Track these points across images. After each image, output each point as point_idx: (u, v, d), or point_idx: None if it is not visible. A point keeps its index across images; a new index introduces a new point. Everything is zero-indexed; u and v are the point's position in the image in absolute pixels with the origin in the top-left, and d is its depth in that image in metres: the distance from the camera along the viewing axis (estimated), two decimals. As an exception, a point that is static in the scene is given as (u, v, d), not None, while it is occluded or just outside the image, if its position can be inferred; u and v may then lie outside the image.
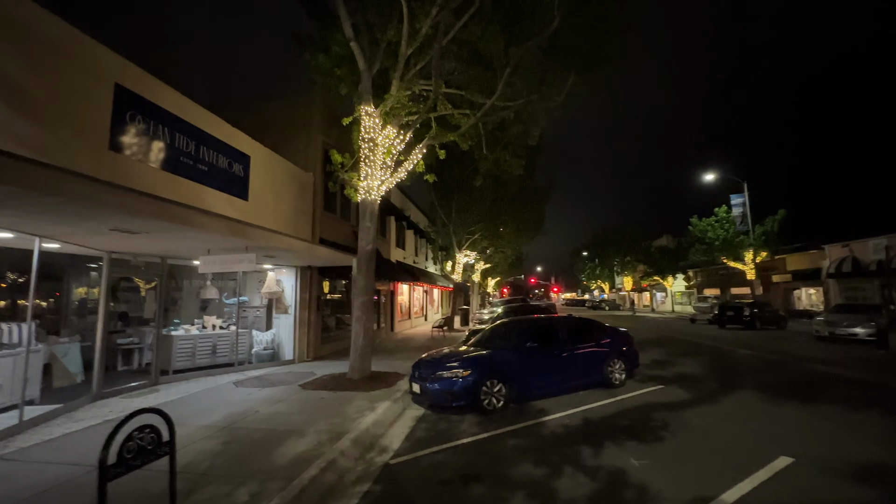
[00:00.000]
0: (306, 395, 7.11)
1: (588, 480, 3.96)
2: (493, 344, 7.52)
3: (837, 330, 14.47)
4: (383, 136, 8.25)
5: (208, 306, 10.39)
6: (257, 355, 10.17)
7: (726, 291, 34.27)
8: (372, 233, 8.27)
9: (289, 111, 11.98)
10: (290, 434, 5.12)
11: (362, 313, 8.13)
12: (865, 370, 9.11)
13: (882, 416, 5.73)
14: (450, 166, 18.26)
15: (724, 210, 26.81)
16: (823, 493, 3.57)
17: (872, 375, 8.53)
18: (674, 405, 6.48)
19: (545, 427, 5.62)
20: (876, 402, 6.41)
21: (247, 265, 7.17)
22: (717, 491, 3.62)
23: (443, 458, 4.65)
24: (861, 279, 22.10)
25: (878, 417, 5.67)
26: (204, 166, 7.48)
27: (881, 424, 5.38)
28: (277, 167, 10.01)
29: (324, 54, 8.26)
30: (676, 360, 10.77)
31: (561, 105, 8.38)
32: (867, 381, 7.99)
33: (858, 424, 5.41)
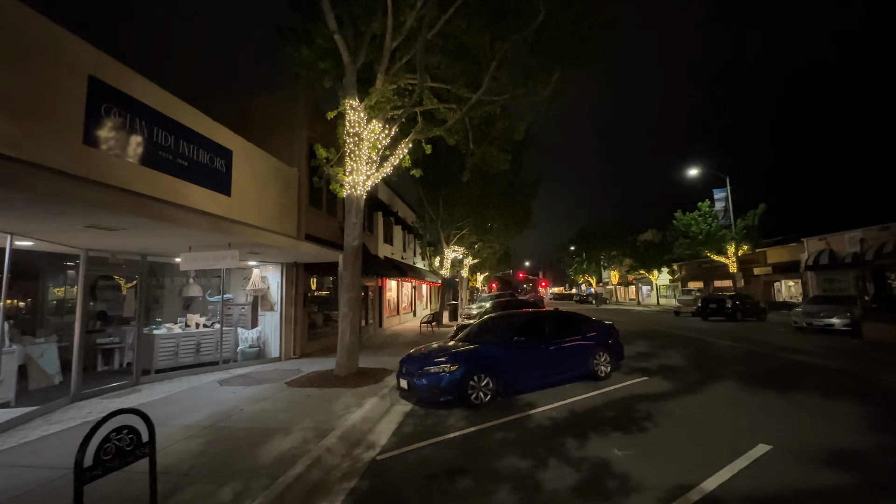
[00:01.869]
0: (292, 392, 7.05)
1: (573, 472, 4.01)
2: (481, 339, 7.55)
3: (814, 321, 14.90)
4: (368, 130, 8.17)
5: (191, 304, 10.22)
6: (242, 353, 10.04)
7: (710, 284, 34.98)
8: (358, 228, 8.20)
9: (272, 105, 11.76)
10: (275, 432, 5.07)
11: (349, 309, 8.07)
12: (840, 359, 9.40)
13: (854, 403, 5.92)
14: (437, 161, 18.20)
15: (707, 204, 27.32)
16: (799, 479, 3.68)
17: (846, 364, 8.81)
18: (657, 396, 6.60)
19: (532, 420, 5.67)
20: (849, 390, 6.63)
21: (230, 262, 7.05)
22: (697, 479, 3.70)
23: (430, 453, 4.66)
24: (837, 271, 22.74)
25: (851, 405, 5.85)
26: (184, 161, 7.31)
27: (853, 411, 5.56)
28: (261, 162, 9.84)
29: (307, 47, 8.12)
30: (660, 352, 10.96)
31: (547, 100, 8.39)
32: (841, 370, 8.25)
33: (832, 412, 5.58)
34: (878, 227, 20.43)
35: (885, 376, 7.60)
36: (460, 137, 9.87)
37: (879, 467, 3.89)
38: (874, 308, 13.53)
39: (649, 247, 41.46)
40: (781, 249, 28.09)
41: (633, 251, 43.91)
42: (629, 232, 48.41)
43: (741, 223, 25.42)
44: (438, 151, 17.35)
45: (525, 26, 7.32)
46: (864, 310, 13.43)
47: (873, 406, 5.75)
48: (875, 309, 13.44)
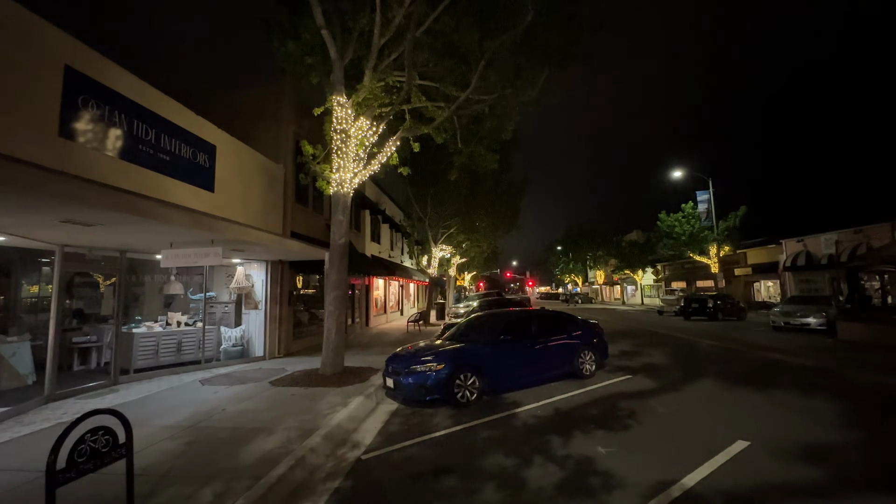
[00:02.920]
0: (276, 391, 6.96)
1: (557, 469, 4.04)
2: (468, 337, 7.56)
3: (791, 320, 15.32)
4: (356, 127, 8.10)
5: (173, 302, 9.99)
6: (226, 352, 9.86)
7: (692, 284, 35.67)
8: (345, 226, 8.13)
9: (258, 100, 11.58)
10: (258, 432, 4.99)
11: (335, 308, 8.00)
12: (815, 358, 9.68)
13: (827, 400, 6.10)
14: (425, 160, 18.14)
15: (690, 206, 27.85)
16: (775, 474, 3.77)
17: (821, 363, 9.08)
18: (640, 394, 6.70)
19: (517, 418, 5.70)
20: (823, 388, 6.83)
21: (213, 259, 6.91)
22: (678, 475, 3.77)
23: (415, 452, 4.65)
24: (814, 272, 23.44)
25: (824, 401, 6.03)
26: (166, 156, 7.14)
27: (826, 408, 5.73)
28: (246, 158, 9.68)
29: (294, 41, 8.00)
30: (644, 351, 11.14)
31: (535, 100, 8.44)
32: (816, 368, 8.50)
33: (807, 408, 5.74)
34: (852, 230, 21.12)
35: (857, 374, 7.85)
36: (448, 136, 9.85)
37: (850, 462, 4.02)
38: (848, 308, 13.97)
39: (634, 247, 42.08)
40: (761, 251, 28.81)
41: (619, 251, 44.50)
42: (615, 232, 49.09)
43: (723, 225, 25.98)
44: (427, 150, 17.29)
45: (514, 26, 7.33)
46: (839, 310, 13.86)
47: (845, 402, 5.94)
48: (849, 309, 13.88)
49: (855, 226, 21.08)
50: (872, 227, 20.04)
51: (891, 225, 19.14)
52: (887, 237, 19.01)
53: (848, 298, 14.72)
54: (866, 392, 6.62)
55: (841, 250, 21.02)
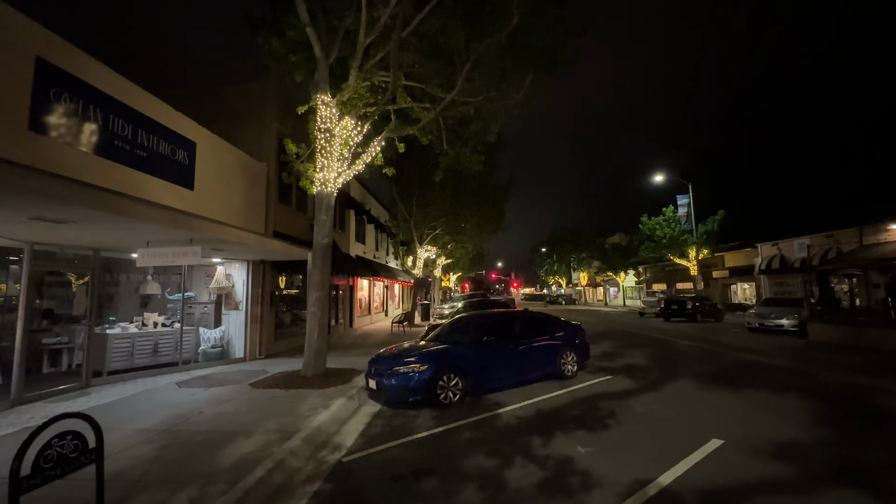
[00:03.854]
0: (256, 394, 6.84)
1: (537, 469, 4.08)
2: (451, 338, 7.57)
3: (766, 322, 15.79)
4: (341, 126, 8.04)
5: (150, 302, 9.73)
6: (204, 354, 9.65)
7: (672, 286, 36.47)
8: (328, 226, 8.05)
9: (241, 97, 11.38)
10: (236, 435, 4.90)
11: (317, 309, 7.91)
12: (787, 358, 10.01)
13: (798, 398, 6.32)
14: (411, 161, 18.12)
15: (671, 210, 28.46)
16: (747, 471, 3.88)
17: (792, 363, 9.38)
18: (620, 394, 6.82)
19: (499, 419, 5.73)
20: (794, 387, 7.06)
21: (191, 259, 6.76)
22: (655, 473, 3.84)
23: (397, 454, 4.63)
24: (787, 275, 24.22)
25: (795, 400, 6.24)
26: (143, 152, 6.95)
27: (797, 406, 5.93)
28: (227, 155, 9.49)
29: (278, 38, 7.90)
30: (624, 352, 11.33)
31: (520, 103, 8.51)
32: (788, 368, 8.78)
33: (779, 407, 5.93)
34: (823, 235, 21.88)
35: (825, 374, 8.14)
36: (434, 137, 9.87)
37: (818, 458, 4.17)
38: (819, 310, 14.47)
39: (617, 250, 42.82)
40: (738, 254, 29.63)
41: (602, 254, 45.23)
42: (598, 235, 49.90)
43: (702, 228, 26.63)
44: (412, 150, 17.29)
45: (499, 29, 7.39)
46: (810, 312, 14.35)
47: (814, 401, 6.15)
48: (820, 311, 14.38)
49: (826, 230, 21.85)
50: (842, 232, 20.80)
51: (859, 230, 19.90)
52: (855, 242, 19.77)
53: (819, 301, 15.24)
54: (834, 391, 6.87)
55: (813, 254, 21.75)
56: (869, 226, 19.45)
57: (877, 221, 19.11)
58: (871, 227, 19.23)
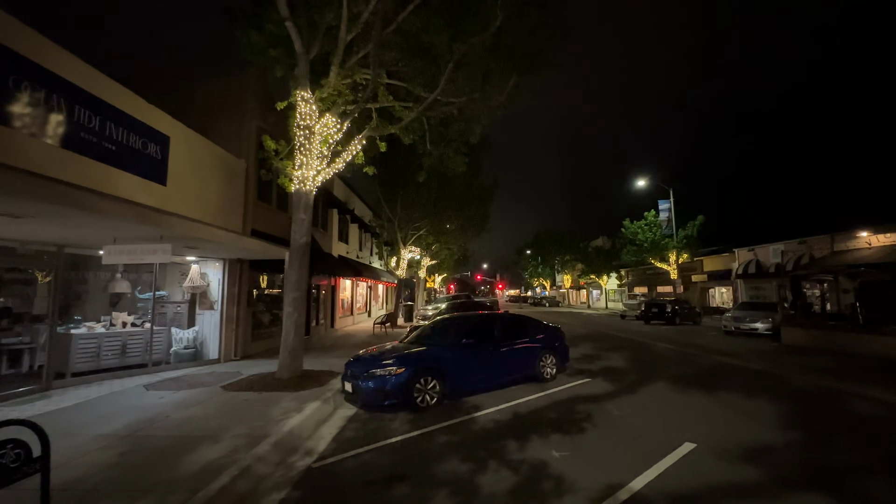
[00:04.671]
0: (228, 396, 6.63)
1: (511, 474, 4.03)
2: (430, 340, 7.49)
3: (741, 325, 16.15)
4: (321, 124, 7.89)
5: (119, 301, 9.39)
6: (176, 355, 9.35)
7: (653, 290, 37.08)
8: (306, 225, 7.88)
9: (220, 92, 11.08)
10: (202, 440, 4.72)
11: (294, 309, 7.74)
12: (760, 361, 10.23)
13: (769, 402, 6.43)
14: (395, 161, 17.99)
15: (652, 214, 28.91)
16: (718, 475, 3.91)
17: (765, 366, 9.59)
18: (597, 397, 6.84)
19: (476, 423, 5.67)
20: (766, 390, 7.20)
21: (161, 257, 6.53)
22: (627, 478, 3.83)
23: (369, 459, 4.53)
24: (763, 280, 24.86)
25: (767, 403, 6.35)
26: (112, 145, 6.69)
27: (769, 409, 6.03)
28: (204, 151, 9.23)
29: (257, 32, 7.70)
30: (604, 355, 11.42)
31: (503, 105, 8.51)
32: (760, 371, 8.97)
33: (750, 410, 6.02)
34: (797, 241, 22.52)
35: (796, 377, 8.34)
36: (417, 137, 9.79)
37: (786, 462, 4.22)
38: (791, 314, 14.88)
39: (600, 253, 43.35)
40: (716, 258, 30.30)
41: (585, 257, 45.72)
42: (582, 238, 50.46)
43: (682, 233, 27.13)
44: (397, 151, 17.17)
45: (483, 30, 7.36)
46: (784, 316, 14.73)
47: (785, 404, 6.28)
48: (792, 315, 14.79)
49: (800, 237, 22.50)
50: (815, 239, 21.44)
51: (830, 237, 20.54)
52: (827, 248, 20.41)
53: (792, 305, 15.68)
54: (804, 394, 7.02)
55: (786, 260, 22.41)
56: (840, 233, 20.09)
57: (847, 228, 19.74)
58: (842, 234, 19.86)
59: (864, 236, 18.52)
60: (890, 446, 4.73)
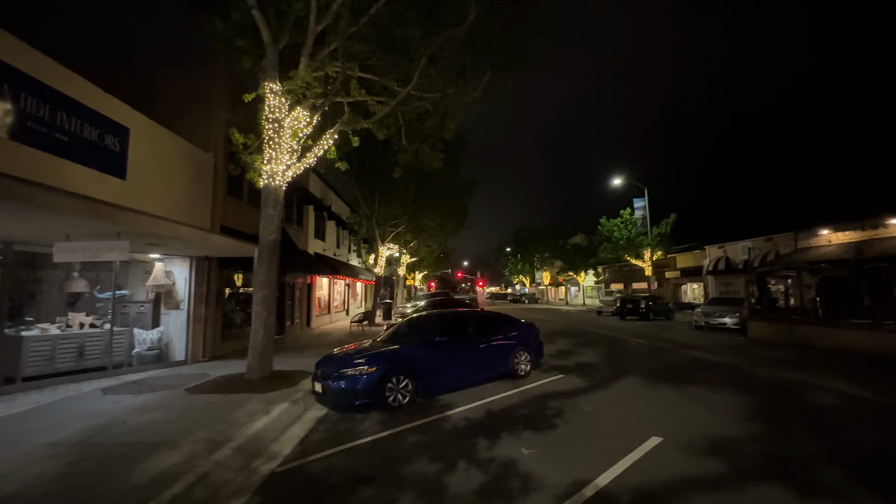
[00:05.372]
0: (191, 399, 6.38)
1: (479, 474, 3.98)
2: (404, 338, 7.39)
3: (711, 320, 16.66)
4: (291, 117, 7.65)
5: (78, 301, 8.92)
6: (139, 357, 8.96)
7: (629, 286, 37.90)
8: (275, 221, 7.65)
9: (187, 83, 10.64)
10: (159, 446, 4.50)
11: (263, 308, 7.50)
12: (727, 355, 10.54)
13: (734, 395, 6.61)
14: (372, 157, 17.76)
15: (628, 212, 29.51)
16: (682, 469, 3.96)
17: (732, 359, 9.89)
18: (570, 393, 6.88)
19: (447, 421, 5.62)
20: (732, 383, 7.41)
21: (118, 254, 6.21)
22: (593, 474, 3.84)
23: (336, 461, 4.41)
24: (732, 276, 25.72)
25: (732, 396, 6.53)
26: (64, 136, 6.31)
27: (733, 402, 6.19)
28: (168, 144, 8.84)
29: (222, 21, 7.40)
30: (579, 350, 11.56)
31: (478, 101, 8.45)
32: (727, 365, 9.24)
33: (716, 403, 6.17)
34: (763, 238, 23.37)
35: (760, 370, 8.61)
36: (392, 133, 9.63)
37: (748, 454, 4.32)
38: (758, 309, 15.42)
39: (577, 250, 44.00)
40: (688, 255, 31.19)
41: (564, 254, 46.36)
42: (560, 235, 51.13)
43: (656, 231, 27.78)
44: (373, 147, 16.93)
45: (457, 24, 7.27)
46: (750, 311, 15.24)
47: (749, 397, 6.46)
48: (758, 310, 15.32)
49: (766, 234, 23.34)
50: (780, 236, 22.29)
51: (794, 235, 21.38)
52: (791, 245, 21.24)
53: (758, 300, 16.24)
54: (767, 386, 7.25)
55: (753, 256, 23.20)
56: (803, 231, 20.93)
57: (810, 227, 20.57)
58: (805, 232, 20.69)
59: (824, 234, 19.34)
60: (844, 436, 4.91)
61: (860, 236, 17.51)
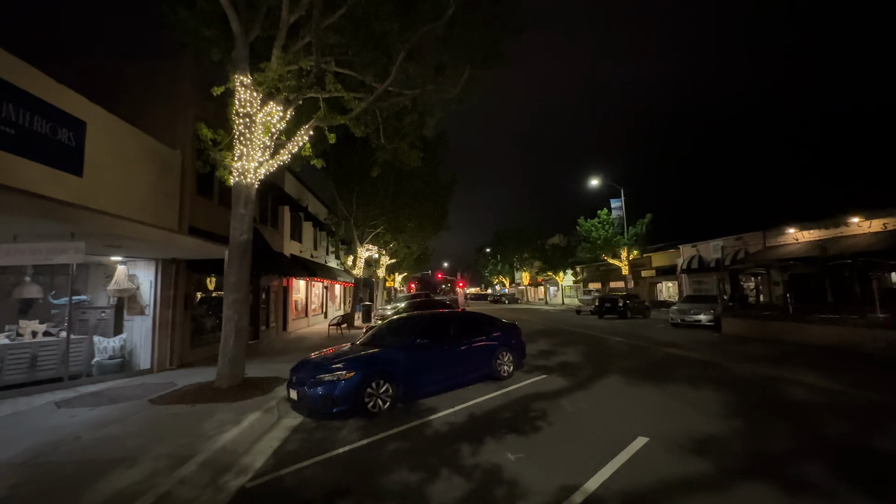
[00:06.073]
0: (155, 411, 5.96)
1: (463, 482, 3.81)
2: (384, 341, 7.15)
3: (686, 317, 17.01)
4: (264, 112, 7.32)
5: (31, 308, 8.30)
6: (100, 366, 8.40)
7: (606, 285, 38.56)
8: (247, 221, 7.29)
9: (151, 76, 10.07)
10: (116, 464, 4.13)
11: (234, 312, 7.13)
12: (704, 351, 10.72)
13: (714, 391, 6.66)
14: (350, 156, 17.39)
15: (605, 212, 29.99)
16: (672, 470, 3.88)
17: (708, 356, 10.05)
18: (553, 394, 6.79)
19: (430, 427, 5.42)
20: (710, 379, 7.48)
21: (73, 256, 5.74)
22: (582, 479, 3.72)
23: (311, 474, 4.15)
24: (705, 274, 26.44)
25: (711, 393, 6.57)
26: (9, 128, 5.80)
27: (713, 399, 6.23)
28: (130, 140, 8.33)
29: (187, 9, 7.01)
30: (560, 350, 11.54)
31: (457, 97, 8.29)
32: (705, 361, 9.36)
33: (697, 400, 6.19)
34: (734, 237, 24.12)
35: (736, 366, 8.76)
36: (371, 131, 9.38)
37: (732, 452, 4.30)
38: (730, 306, 15.82)
39: (556, 250, 44.50)
40: (663, 254, 31.94)
41: (543, 254, 46.79)
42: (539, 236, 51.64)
43: (632, 231, 28.32)
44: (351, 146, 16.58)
45: (435, 18, 7.10)
46: (723, 308, 15.63)
47: (727, 393, 6.52)
48: (731, 307, 15.72)
49: (736, 233, 24.10)
50: (750, 235, 23.05)
51: (762, 233, 22.15)
52: (760, 244, 21.99)
53: (731, 297, 16.69)
54: (743, 382, 7.35)
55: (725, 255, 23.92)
56: (771, 229, 21.70)
57: (777, 225, 21.35)
58: (773, 231, 21.46)
59: (791, 232, 20.10)
60: (822, 430, 4.96)
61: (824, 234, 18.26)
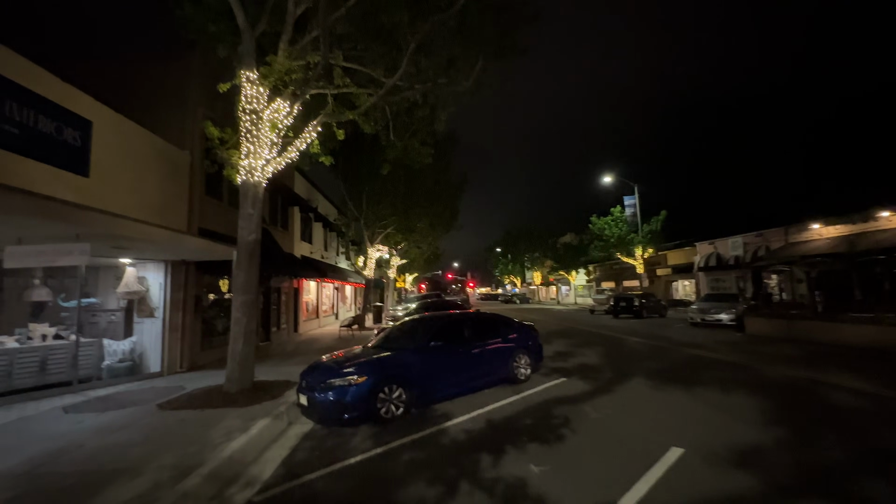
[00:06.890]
0: (162, 417, 5.79)
1: (485, 497, 3.52)
2: (396, 344, 6.90)
3: (706, 317, 16.45)
4: (271, 108, 7.12)
5: (42, 311, 8.24)
6: (110, 370, 8.30)
7: (620, 284, 37.82)
8: (255, 221, 7.10)
9: (160, 75, 10.00)
10: (118, 475, 3.93)
11: (242, 315, 6.94)
12: (730, 352, 10.25)
13: (748, 396, 6.25)
14: (359, 156, 17.24)
15: (618, 210, 29.37)
16: (714, 486, 3.54)
17: (735, 357, 9.59)
18: (574, 398, 6.46)
19: (446, 434, 5.13)
20: (741, 383, 7.05)
21: (78, 258, 5.61)
22: (616, 495, 3.41)
23: (322, 486, 3.90)
24: (723, 272, 25.67)
25: (744, 397, 6.17)
26: (13, 128, 5.68)
27: (748, 404, 5.82)
28: (138, 140, 8.22)
29: (193, 4, 6.84)
30: (577, 351, 11.17)
31: (470, 91, 8.00)
32: (732, 363, 8.92)
33: (731, 406, 5.80)
34: (754, 234, 23.35)
35: (767, 367, 8.31)
36: (380, 127, 9.14)
37: (779, 464, 3.93)
38: (754, 304, 15.25)
39: (568, 249, 43.85)
40: (679, 252, 31.17)
41: (554, 253, 46.18)
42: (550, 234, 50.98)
43: (646, 228, 27.67)
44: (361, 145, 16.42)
45: (446, 7, 6.83)
46: (747, 306, 15.06)
47: (762, 398, 6.10)
48: (754, 305, 15.15)
49: (756, 230, 23.33)
50: (771, 231, 22.28)
51: (784, 229, 21.39)
52: (782, 240, 21.24)
53: (753, 295, 16.10)
54: (779, 386, 6.92)
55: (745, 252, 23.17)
56: (793, 225, 20.94)
57: (799, 221, 20.58)
58: (795, 227, 20.69)
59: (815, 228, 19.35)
60: (877, 439, 4.56)
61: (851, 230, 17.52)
